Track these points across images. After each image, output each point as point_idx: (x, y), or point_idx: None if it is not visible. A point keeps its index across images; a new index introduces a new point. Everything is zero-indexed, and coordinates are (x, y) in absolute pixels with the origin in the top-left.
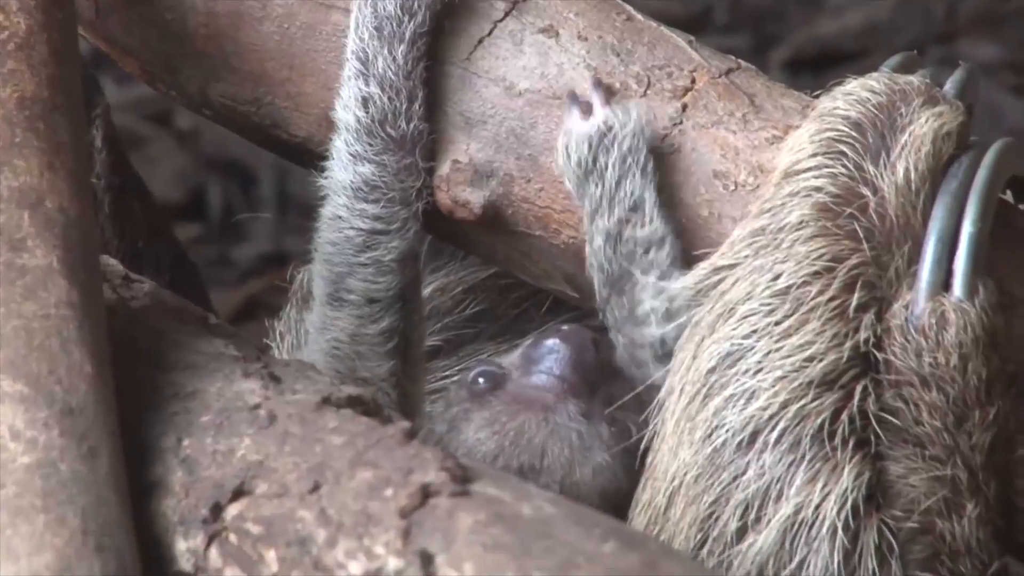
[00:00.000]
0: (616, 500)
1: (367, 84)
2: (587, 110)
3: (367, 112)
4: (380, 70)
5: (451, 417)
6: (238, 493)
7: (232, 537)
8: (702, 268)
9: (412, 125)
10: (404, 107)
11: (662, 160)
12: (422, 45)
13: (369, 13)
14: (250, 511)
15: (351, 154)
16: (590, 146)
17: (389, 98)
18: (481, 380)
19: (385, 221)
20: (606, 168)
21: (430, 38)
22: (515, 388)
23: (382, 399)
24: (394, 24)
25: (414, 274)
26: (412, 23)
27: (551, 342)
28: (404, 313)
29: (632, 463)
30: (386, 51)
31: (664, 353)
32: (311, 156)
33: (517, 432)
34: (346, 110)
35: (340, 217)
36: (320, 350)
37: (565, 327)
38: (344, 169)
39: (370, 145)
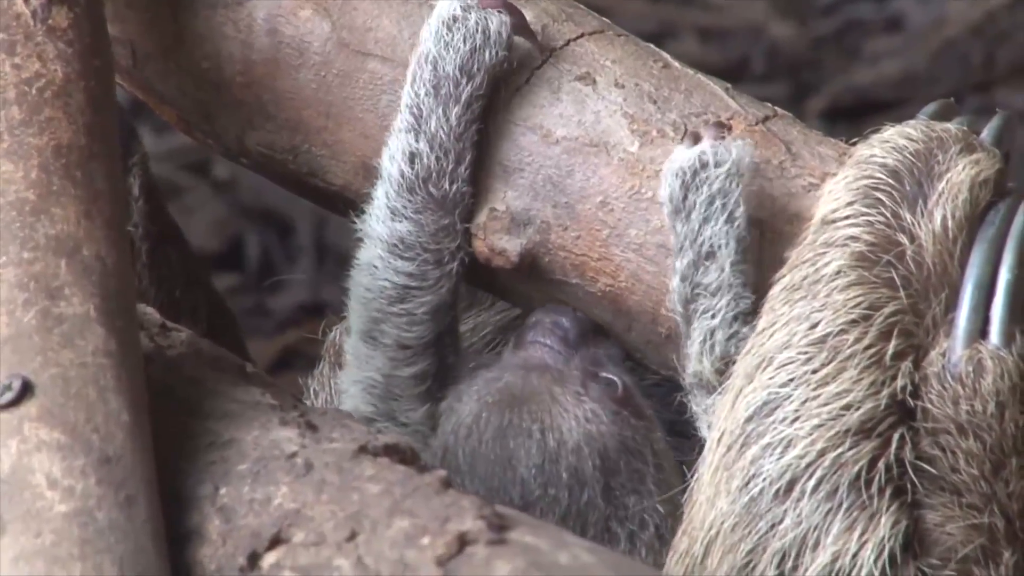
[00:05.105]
0: (602, 444)
1: (417, 140)
2: (695, 141)
3: (412, 168)
4: (432, 128)
5: (449, 401)
6: (275, 542)
7: None
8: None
9: (455, 187)
10: (450, 168)
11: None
12: (477, 108)
13: (428, 70)
14: (287, 560)
15: (390, 208)
16: (682, 182)
17: (437, 157)
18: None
19: (418, 279)
20: (692, 208)
21: (486, 101)
22: (503, 363)
23: (420, 442)
24: (451, 85)
25: (449, 320)
26: (470, 85)
27: (532, 318)
28: (437, 359)
29: (621, 414)
30: (440, 111)
31: (694, 382)
32: (348, 204)
33: (499, 394)
34: (392, 161)
35: (375, 267)
36: (358, 382)
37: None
38: (382, 222)
39: (410, 202)
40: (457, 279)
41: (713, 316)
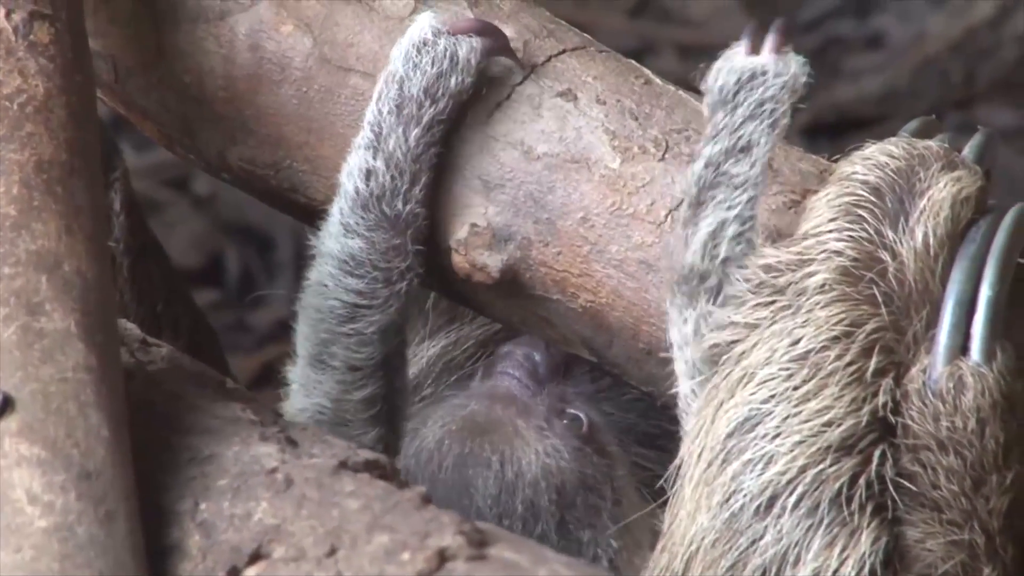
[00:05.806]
0: (560, 479)
1: (374, 158)
2: (755, 48)
3: (367, 185)
4: (390, 148)
5: (414, 423)
6: (255, 557)
7: None
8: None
9: (408, 208)
10: (404, 188)
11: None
12: (438, 132)
13: (394, 90)
14: (267, 575)
15: (343, 224)
16: (738, 79)
17: (392, 176)
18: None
19: (368, 296)
20: (740, 105)
21: (448, 126)
22: (471, 391)
23: None
24: (415, 106)
25: (398, 343)
26: (433, 109)
27: (504, 349)
28: (386, 381)
29: (584, 450)
30: (400, 131)
31: (683, 279)
32: None
33: (463, 421)
34: (349, 178)
35: (325, 285)
36: (304, 410)
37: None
38: (334, 239)
39: (363, 219)
40: (406, 300)
41: (730, 208)
